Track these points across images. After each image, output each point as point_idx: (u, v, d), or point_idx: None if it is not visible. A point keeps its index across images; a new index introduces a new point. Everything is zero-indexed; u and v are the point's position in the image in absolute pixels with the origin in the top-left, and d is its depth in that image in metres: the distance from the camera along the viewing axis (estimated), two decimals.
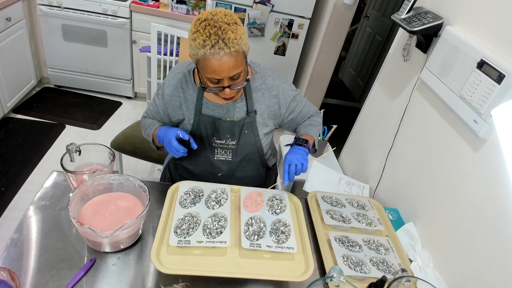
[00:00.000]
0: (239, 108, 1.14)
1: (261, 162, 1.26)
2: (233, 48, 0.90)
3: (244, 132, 1.15)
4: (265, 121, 1.17)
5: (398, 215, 1.31)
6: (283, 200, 1.15)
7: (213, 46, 0.88)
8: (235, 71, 0.94)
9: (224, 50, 0.89)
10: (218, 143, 1.16)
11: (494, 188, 0.92)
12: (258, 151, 1.21)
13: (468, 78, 1.02)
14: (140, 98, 3.25)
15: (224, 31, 0.89)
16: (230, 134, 1.15)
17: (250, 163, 1.24)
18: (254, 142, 1.18)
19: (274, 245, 0.98)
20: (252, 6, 2.55)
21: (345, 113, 3.91)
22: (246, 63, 0.99)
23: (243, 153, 1.19)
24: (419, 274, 1.06)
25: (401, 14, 1.27)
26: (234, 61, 0.92)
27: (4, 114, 2.55)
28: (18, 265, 0.87)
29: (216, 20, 0.90)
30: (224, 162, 1.21)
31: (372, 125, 1.67)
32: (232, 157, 1.19)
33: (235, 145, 1.17)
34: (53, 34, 2.75)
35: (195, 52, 0.91)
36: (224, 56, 0.90)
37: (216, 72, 0.92)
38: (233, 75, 0.94)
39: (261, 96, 1.14)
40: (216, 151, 1.18)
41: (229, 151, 1.18)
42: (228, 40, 0.89)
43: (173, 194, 1.10)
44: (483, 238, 0.94)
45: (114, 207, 1.00)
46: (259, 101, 1.14)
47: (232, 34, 0.90)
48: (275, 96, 1.15)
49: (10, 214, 1.93)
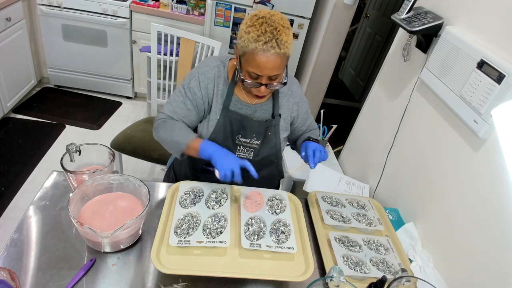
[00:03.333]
0: (266, 110, 1.17)
1: (276, 167, 1.29)
2: (283, 50, 0.94)
3: (268, 133, 1.17)
4: (286, 125, 1.22)
5: (398, 215, 1.31)
6: (283, 200, 1.15)
7: (266, 43, 0.93)
8: (276, 71, 0.98)
9: (275, 49, 0.93)
10: (242, 141, 1.17)
11: (494, 188, 0.92)
12: (277, 154, 1.23)
13: (468, 78, 1.02)
14: (140, 98, 3.25)
15: (279, 32, 0.94)
16: (256, 134, 1.16)
17: (267, 165, 1.26)
18: (275, 144, 1.20)
19: (274, 245, 0.98)
20: (252, 6, 2.54)
21: (345, 113, 3.91)
22: (286, 67, 1.04)
23: (263, 154, 1.21)
24: (419, 274, 1.06)
25: (401, 14, 1.27)
26: (279, 62, 0.96)
27: (4, 114, 2.55)
28: (18, 265, 0.87)
29: (274, 20, 0.95)
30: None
31: (372, 125, 1.67)
32: (253, 156, 1.21)
33: (259, 145, 1.18)
34: (53, 34, 2.75)
35: (246, 45, 0.95)
36: (273, 55, 0.94)
37: (260, 67, 0.96)
38: (273, 75, 0.99)
39: (286, 101, 1.19)
40: (238, 149, 1.19)
41: (251, 150, 1.19)
42: (280, 41, 0.94)
43: (173, 194, 1.10)
44: (483, 238, 0.94)
45: (114, 207, 1.00)
46: (284, 105, 1.19)
47: (285, 37, 0.95)
48: (296, 104, 1.21)
49: (10, 214, 1.93)
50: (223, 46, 2.24)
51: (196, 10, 2.77)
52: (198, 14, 2.76)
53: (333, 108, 3.94)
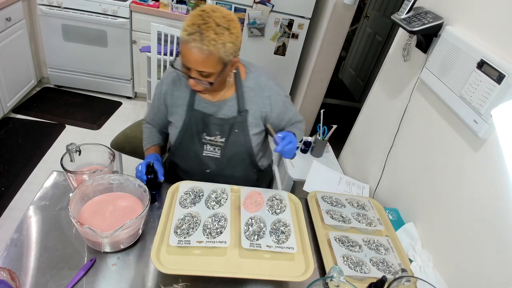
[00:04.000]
0: (231, 107, 1.14)
1: (251, 163, 1.26)
2: (206, 47, 0.90)
3: (235, 130, 1.15)
4: (256, 121, 1.17)
5: (398, 215, 1.31)
6: (283, 200, 1.15)
7: (190, 34, 0.91)
8: (202, 67, 0.95)
9: (196, 42, 0.90)
10: (207, 139, 1.17)
11: (494, 188, 0.92)
12: (248, 151, 1.21)
13: (468, 78, 1.02)
14: (140, 98, 3.25)
15: (208, 27, 0.90)
16: (220, 131, 1.16)
17: (239, 163, 1.24)
18: (244, 141, 1.18)
19: (274, 245, 0.98)
20: (252, 6, 2.55)
21: (345, 113, 3.91)
22: (222, 71, 0.98)
23: (232, 151, 1.19)
24: (419, 274, 1.06)
25: (401, 14, 1.27)
26: (202, 58, 0.93)
27: (4, 114, 2.55)
28: (18, 265, 0.87)
29: (211, 15, 0.92)
30: (212, 159, 1.21)
31: (372, 125, 1.67)
32: (221, 154, 1.20)
33: (224, 142, 1.17)
34: (53, 34, 2.75)
35: (181, 33, 0.94)
36: (195, 48, 0.91)
37: (184, 57, 0.95)
38: (201, 71, 0.96)
39: (254, 96, 1.14)
40: (205, 147, 1.19)
41: (217, 148, 1.19)
42: (206, 37, 0.90)
43: (173, 194, 1.10)
44: (483, 238, 0.94)
45: (114, 207, 1.00)
46: (251, 101, 1.14)
47: (214, 35, 0.90)
48: (267, 98, 1.15)
49: (10, 214, 1.93)
50: None
51: None
52: None
53: (333, 108, 3.94)
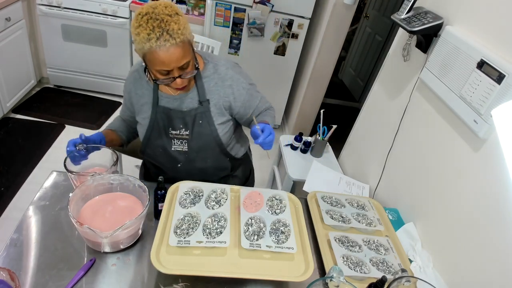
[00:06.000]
0: (192, 98, 1.14)
1: (222, 152, 1.25)
2: (179, 39, 0.92)
3: (199, 122, 1.15)
4: (220, 110, 1.16)
5: (398, 215, 1.31)
6: (283, 200, 1.15)
7: (158, 38, 0.90)
8: (183, 60, 0.96)
9: (170, 42, 0.91)
10: (174, 133, 1.17)
11: (494, 188, 0.92)
12: (216, 140, 1.19)
13: (468, 78, 1.02)
14: None
15: (167, 22, 0.91)
16: (183, 124, 1.16)
17: (209, 154, 1.23)
18: (210, 132, 1.17)
19: (274, 245, 0.97)
20: (252, 6, 2.54)
21: (345, 113, 3.91)
22: (193, 51, 1.01)
23: (199, 143, 1.19)
24: (419, 274, 1.06)
25: (401, 14, 1.27)
26: (181, 51, 0.94)
27: (4, 114, 2.55)
28: (17, 265, 0.87)
29: (157, 13, 0.92)
30: (182, 153, 1.21)
31: (372, 125, 1.67)
32: (188, 147, 1.19)
33: (189, 135, 1.17)
34: (52, 34, 2.75)
35: (141, 47, 0.93)
36: (171, 47, 0.92)
37: (165, 63, 0.94)
38: (182, 64, 0.97)
39: (214, 85, 1.14)
40: (173, 142, 1.19)
41: (184, 141, 1.18)
42: (172, 31, 0.91)
43: (173, 194, 1.10)
44: (483, 239, 0.94)
45: (114, 207, 1.00)
46: (212, 90, 1.14)
47: (176, 25, 0.92)
48: (229, 87, 1.14)
49: (10, 214, 1.93)
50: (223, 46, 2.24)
51: (196, 10, 2.77)
52: (198, 14, 2.75)
53: (333, 108, 3.93)
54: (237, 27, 2.66)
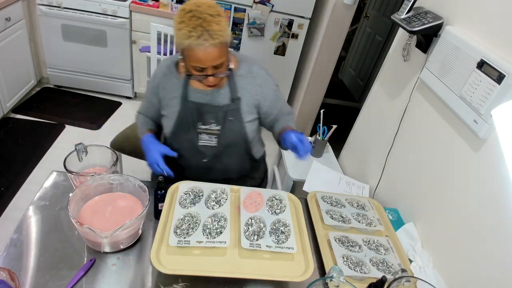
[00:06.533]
0: (223, 95, 1.16)
1: (246, 150, 1.27)
2: (218, 40, 0.95)
3: (229, 118, 1.17)
4: (249, 108, 1.19)
5: (398, 215, 1.31)
6: (283, 200, 1.15)
7: (199, 37, 0.93)
8: (219, 60, 0.99)
9: (209, 42, 0.94)
10: (202, 128, 1.18)
11: (494, 188, 0.92)
12: (243, 138, 1.22)
13: (468, 78, 1.02)
14: (140, 98, 3.25)
15: (209, 22, 0.94)
16: (215, 119, 1.17)
17: (235, 151, 1.25)
18: (239, 129, 1.19)
19: (274, 245, 0.97)
20: (252, 6, 2.54)
21: (345, 113, 3.91)
22: (228, 53, 1.04)
23: (228, 139, 1.20)
24: (419, 274, 1.06)
25: (401, 14, 1.27)
26: (218, 52, 0.97)
27: (3, 114, 2.55)
28: (17, 265, 0.87)
29: (201, 11, 0.94)
30: (209, 148, 1.21)
31: (372, 125, 1.67)
32: (217, 142, 1.21)
33: (220, 130, 1.18)
34: (52, 34, 2.74)
35: (181, 42, 0.96)
36: (209, 47, 0.95)
37: (201, 61, 0.97)
38: (217, 64, 1.00)
39: (246, 83, 1.16)
40: (201, 137, 1.20)
41: (213, 136, 1.19)
42: (213, 31, 0.94)
43: (173, 194, 1.10)
44: (483, 238, 0.94)
45: (114, 207, 1.00)
46: (243, 88, 1.16)
47: (217, 26, 0.94)
48: (259, 86, 1.18)
49: (10, 214, 1.93)
50: None
51: None
52: None
53: (333, 108, 3.93)
54: (237, 27, 2.66)
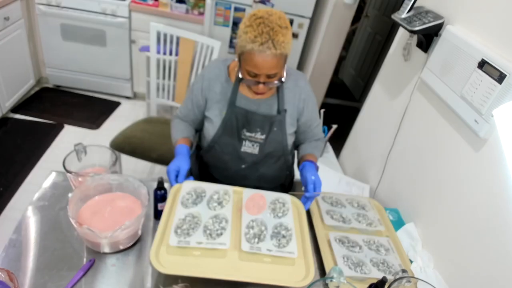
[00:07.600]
0: (270, 105, 1.18)
1: (285, 162, 1.30)
2: (279, 51, 0.96)
3: (274, 129, 1.19)
4: (292, 121, 1.22)
5: (398, 216, 1.31)
6: (285, 203, 1.13)
7: (263, 44, 0.95)
8: (274, 70, 1.01)
9: (271, 50, 0.96)
10: (247, 135, 1.19)
11: (495, 188, 0.92)
12: (283, 149, 1.24)
13: (469, 78, 1.01)
14: (139, 98, 3.24)
15: (276, 32, 0.95)
16: (261, 128, 1.18)
17: (274, 161, 1.27)
18: (281, 140, 1.21)
19: (274, 249, 0.96)
20: (252, 6, 2.54)
21: (345, 113, 3.91)
22: (284, 66, 1.05)
23: (269, 149, 1.22)
24: (420, 275, 1.06)
25: (402, 13, 1.27)
26: (276, 62, 0.99)
27: (2, 114, 2.54)
28: (16, 266, 0.87)
29: (271, 20, 0.96)
30: (250, 155, 1.23)
31: (372, 125, 1.67)
32: (259, 151, 1.22)
33: (264, 139, 1.20)
34: (51, 34, 2.74)
35: (244, 44, 0.98)
36: (269, 55, 0.97)
37: (257, 67, 0.99)
38: (271, 74, 1.01)
39: (292, 97, 1.19)
40: (244, 143, 1.21)
41: (256, 144, 1.21)
42: (277, 42, 0.95)
43: (175, 194, 1.09)
44: (484, 239, 0.94)
45: (113, 208, 0.99)
46: (289, 101, 1.19)
47: (282, 37, 0.96)
48: (303, 100, 1.21)
49: (9, 215, 1.92)
50: (222, 45, 2.23)
51: (196, 10, 2.76)
52: (198, 13, 2.75)
53: (333, 108, 3.93)
54: (237, 27, 2.65)
